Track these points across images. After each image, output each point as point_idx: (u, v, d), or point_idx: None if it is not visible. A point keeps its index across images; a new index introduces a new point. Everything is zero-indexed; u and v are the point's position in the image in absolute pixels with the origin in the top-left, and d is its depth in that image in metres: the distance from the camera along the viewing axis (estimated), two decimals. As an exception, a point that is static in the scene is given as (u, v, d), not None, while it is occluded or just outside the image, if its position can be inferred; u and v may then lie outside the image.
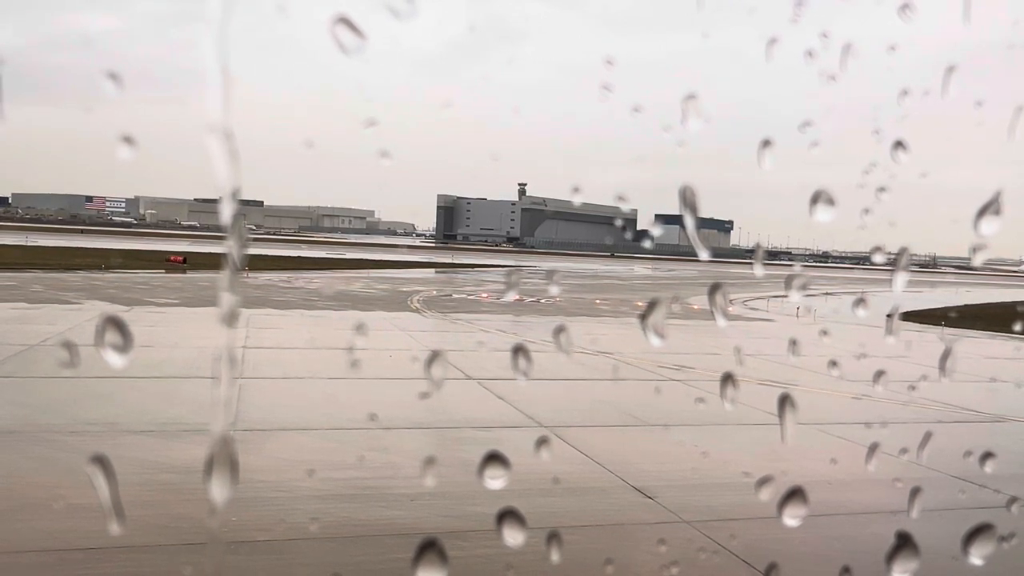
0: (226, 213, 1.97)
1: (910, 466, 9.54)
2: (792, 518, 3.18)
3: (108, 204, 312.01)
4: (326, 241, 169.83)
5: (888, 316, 5.34)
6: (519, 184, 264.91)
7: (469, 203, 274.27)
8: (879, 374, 14.03)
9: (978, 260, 3.18)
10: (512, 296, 43.52)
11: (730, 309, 37.79)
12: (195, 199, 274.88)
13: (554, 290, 54.69)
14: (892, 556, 3.00)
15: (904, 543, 2.99)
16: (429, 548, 2.41)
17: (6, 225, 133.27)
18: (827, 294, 56.14)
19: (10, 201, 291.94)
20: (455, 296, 45.71)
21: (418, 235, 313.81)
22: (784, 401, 3.43)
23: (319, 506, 9.70)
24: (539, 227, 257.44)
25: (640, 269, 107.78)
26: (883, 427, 14.04)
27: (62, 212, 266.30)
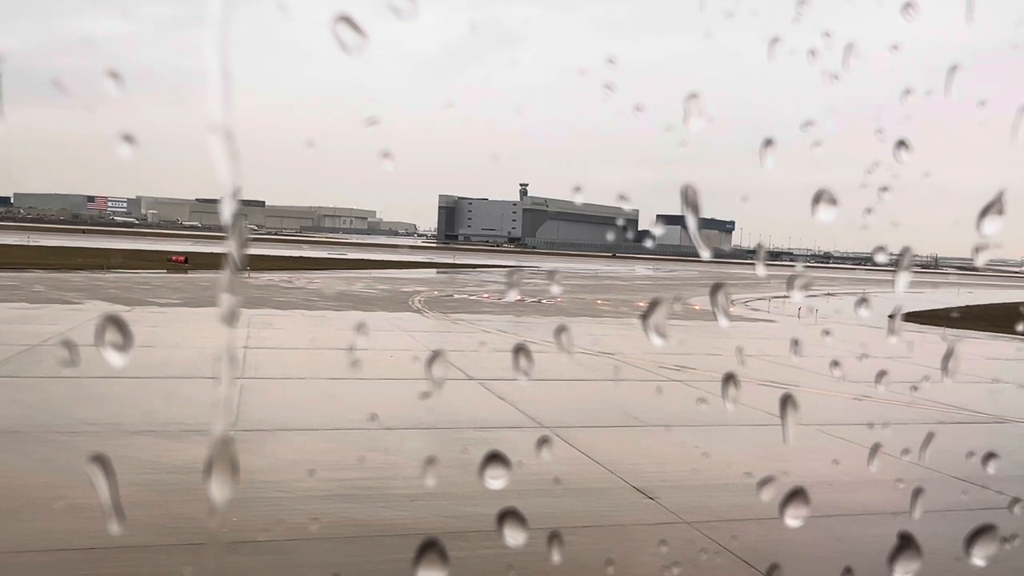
0: (227, 213, 1.97)
1: (912, 467, 9.52)
2: (794, 519, 3.17)
3: (110, 204, 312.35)
4: (327, 241, 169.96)
5: (890, 317, 5.33)
6: (521, 184, 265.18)
7: (471, 203, 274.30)
8: (881, 375, 14.01)
9: (981, 260, 3.17)
10: (513, 296, 43.52)
11: (732, 309, 37.77)
12: (197, 199, 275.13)
13: (555, 290, 54.69)
14: (894, 557, 2.99)
15: (906, 544, 2.98)
16: (430, 548, 2.40)
17: (8, 225, 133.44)
18: (829, 295, 56.10)
19: (12, 201, 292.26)
20: (456, 296, 45.71)
21: (420, 235, 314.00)
22: (785, 402, 3.42)
23: (320, 506, 9.69)
24: (540, 227, 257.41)
25: (641, 269, 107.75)
26: (885, 428, 14.03)
27: (64, 212, 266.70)
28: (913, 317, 36.84)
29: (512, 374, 3.34)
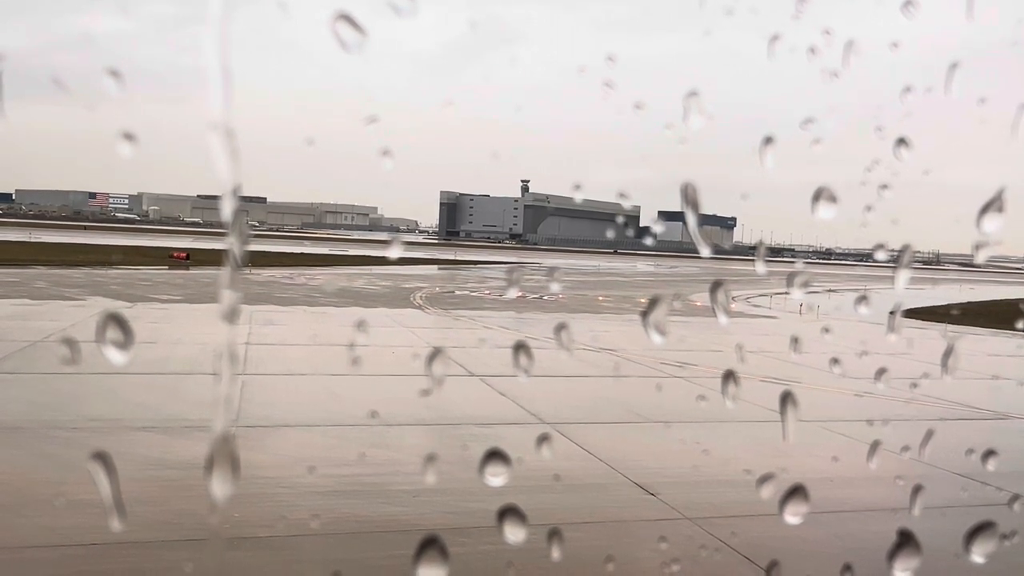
0: (227, 209, 1.98)
1: (912, 463, 9.53)
2: (794, 515, 3.17)
3: (111, 201, 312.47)
4: (329, 238, 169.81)
5: (891, 313, 5.33)
6: (522, 181, 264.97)
7: (472, 200, 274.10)
8: (881, 371, 14.00)
9: (981, 257, 3.17)
10: (515, 293, 43.52)
11: (732, 306, 37.76)
12: (198, 195, 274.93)
13: (556, 287, 54.69)
14: (894, 554, 3.00)
15: (906, 541, 2.99)
16: (430, 545, 2.41)
17: (10, 221, 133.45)
18: (830, 291, 56.06)
19: (14, 198, 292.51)
20: (458, 293, 45.71)
21: (421, 231, 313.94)
22: (786, 398, 3.42)
23: (321, 502, 9.71)
24: (542, 224, 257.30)
25: (643, 266, 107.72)
26: (885, 424, 14.03)
27: (65, 209, 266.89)
28: (914, 314, 36.83)
29: (513, 370, 3.35)
